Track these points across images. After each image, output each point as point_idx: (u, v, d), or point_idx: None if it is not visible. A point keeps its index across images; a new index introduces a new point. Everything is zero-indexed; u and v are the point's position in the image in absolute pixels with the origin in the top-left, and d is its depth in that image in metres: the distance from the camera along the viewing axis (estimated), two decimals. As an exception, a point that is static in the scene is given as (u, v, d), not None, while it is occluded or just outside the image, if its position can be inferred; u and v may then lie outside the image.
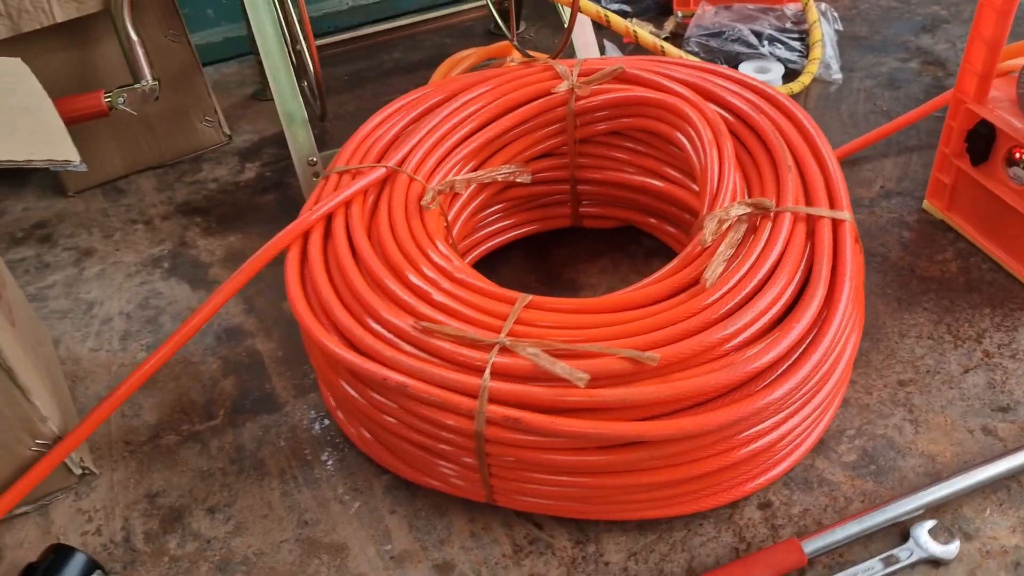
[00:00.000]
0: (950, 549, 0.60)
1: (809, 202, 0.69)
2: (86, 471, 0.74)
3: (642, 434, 0.56)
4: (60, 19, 0.94)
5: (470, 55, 1.20)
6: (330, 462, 0.73)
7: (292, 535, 0.68)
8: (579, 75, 0.84)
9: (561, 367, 0.57)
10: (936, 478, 0.65)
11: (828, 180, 0.71)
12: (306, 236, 0.74)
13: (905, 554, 0.60)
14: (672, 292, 0.65)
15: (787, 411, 0.62)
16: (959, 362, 0.74)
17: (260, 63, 1.22)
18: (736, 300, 0.62)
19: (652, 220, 0.88)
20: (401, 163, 0.78)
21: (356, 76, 1.28)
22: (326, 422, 0.76)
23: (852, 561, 0.61)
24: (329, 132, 1.17)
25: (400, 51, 1.34)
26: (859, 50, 1.19)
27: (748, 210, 0.67)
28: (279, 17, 0.97)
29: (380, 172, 0.77)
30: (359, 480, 0.71)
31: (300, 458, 0.74)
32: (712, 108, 0.77)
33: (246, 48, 1.35)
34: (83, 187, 1.10)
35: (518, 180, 0.84)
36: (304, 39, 0.99)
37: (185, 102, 1.10)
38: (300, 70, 1.05)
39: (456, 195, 0.81)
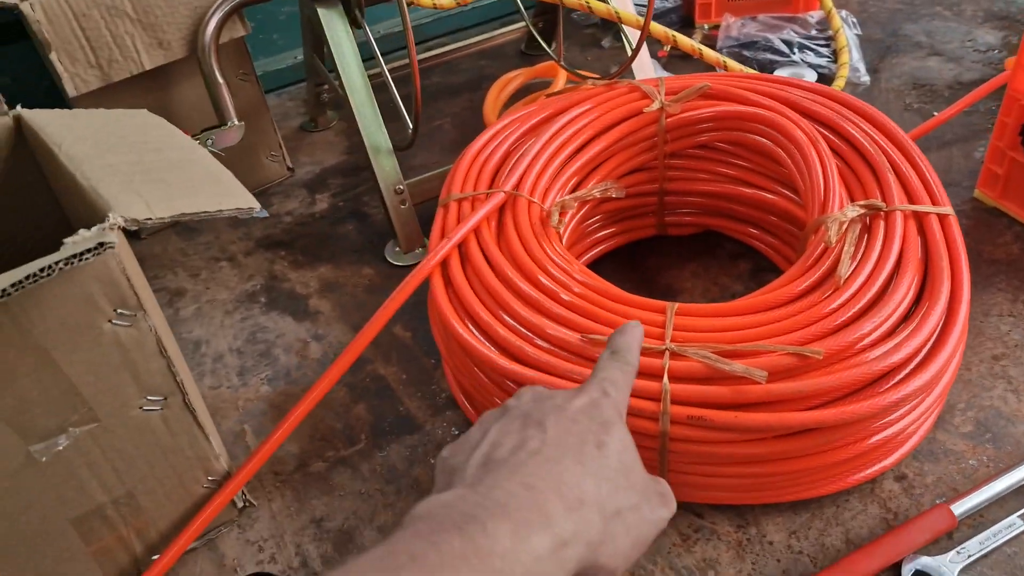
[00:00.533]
0: (1078, 501, 0.68)
1: (912, 200, 0.76)
2: (248, 504, 0.77)
3: (819, 421, 0.62)
4: (148, 67, 0.96)
5: (518, 76, 1.26)
6: (485, 474, 0.77)
7: (467, 545, 0.72)
8: (666, 94, 0.90)
9: (738, 366, 0.63)
10: (1047, 440, 0.73)
11: (922, 178, 0.78)
12: (444, 264, 0.78)
13: (1040, 509, 0.67)
14: (806, 291, 0.71)
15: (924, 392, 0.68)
16: (1042, 335, 0.82)
17: (312, 94, 1.25)
18: (871, 294, 0.68)
19: (736, 225, 0.94)
20: (517, 186, 0.83)
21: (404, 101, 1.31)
22: (470, 437, 0.80)
23: (992, 520, 0.68)
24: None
25: (439, 75, 1.38)
26: (878, 52, 1.27)
27: (862, 211, 0.74)
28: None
29: (501, 197, 0.82)
30: (518, 488, 0.76)
31: (454, 473, 0.78)
32: (803, 118, 0.84)
33: (285, 80, 1.38)
34: (155, 229, 1.12)
35: (614, 195, 0.90)
36: (382, 64, 1.03)
37: (253, 139, 1.12)
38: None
39: (563, 212, 0.86)
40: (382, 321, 0.78)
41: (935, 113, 1.09)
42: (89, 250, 0.50)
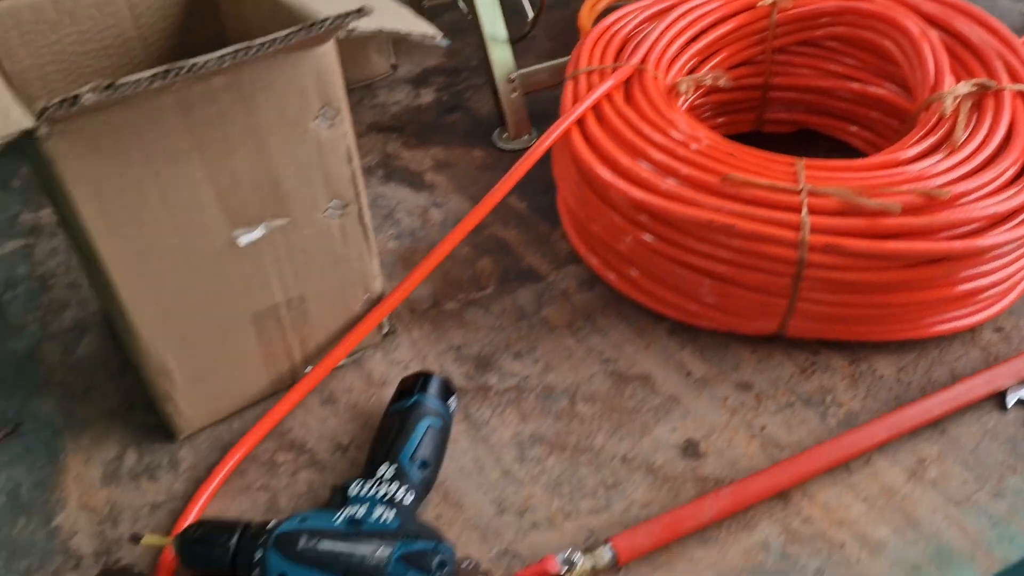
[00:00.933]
0: None
1: (1019, 82, 0.82)
2: (392, 329, 0.83)
3: (947, 251, 0.69)
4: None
5: (610, -8, 1.31)
6: (610, 316, 0.84)
7: (599, 370, 0.79)
8: (778, -9, 0.96)
9: (874, 201, 0.69)
10: None
11: (1025, 66, 0.85)
12: (580, 123, 0.84)
13: None
14: (923, 154, 0.77)
15: (1026, 246, 0.75)
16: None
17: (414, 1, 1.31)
18: (985, 155, 0.75)
19: (834, 121, 1.01)
20: (643, 61, 0.89)
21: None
22: (594, 287, 0.87)
23: (1085, 363, 0.75)
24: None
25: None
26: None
27: (974, 88, 0.81)
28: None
29: (629, 69, 0.88)
30: (642, 326, 0.82)
31: (581, 313, 0.84)
32: (910, 12, 0.90)
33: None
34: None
35: (722, 84, 0.96)
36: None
37: (364, 31, 1.18)
38: None
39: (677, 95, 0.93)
40: (518, 175, 0.84)
41: (1009, 43, 1.15)
42: (316, 23, 0.56)
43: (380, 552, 0.60)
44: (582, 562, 0.62)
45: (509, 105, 1.07)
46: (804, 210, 0.71)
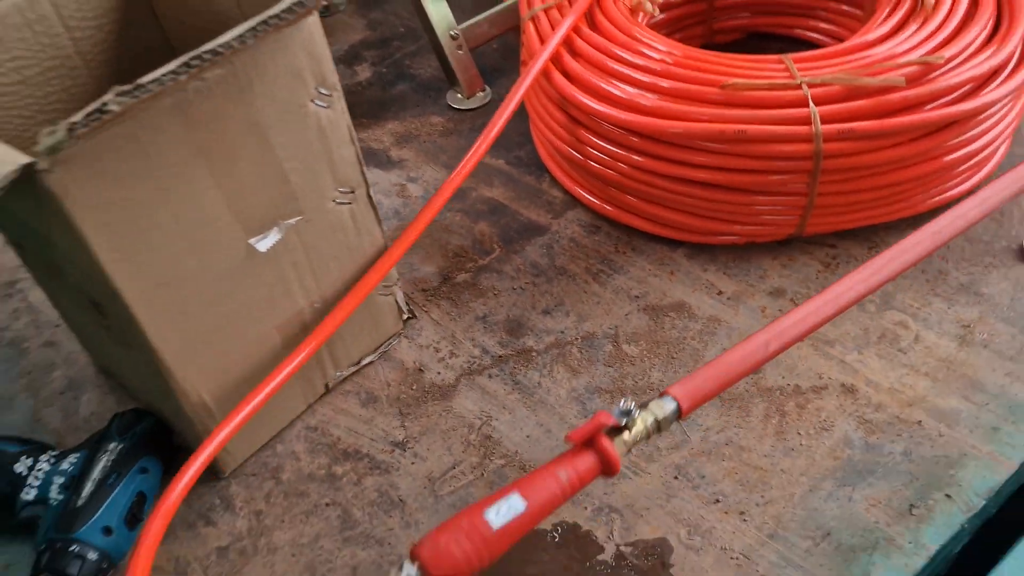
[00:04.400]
0: None
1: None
2: (412, 314, 0.80)
3: (956, 115, 0.70)
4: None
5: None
6: (625, 252, 0.82)
7: (632, 308, 0.77)
8: (709, -102, 0.95)
9: (878, 78, 0.70)
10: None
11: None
12: (556, 59, 0.82)
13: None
14: (896, 28, 0.78)
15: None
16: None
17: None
18: (958, 20, 0.76)
19: (785, 19, 1.01)
20: (598, -9, 0.87)
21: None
22: (600, 228, 0.85)
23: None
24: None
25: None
26: None
27: (932, -41, 0.82)
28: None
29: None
30: (660, 256, 0.81)
31: (596, 256, 0.82)
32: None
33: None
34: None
35: None
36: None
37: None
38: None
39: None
40: (499, 125, 0.79)
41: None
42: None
43: None
44: (641, 415, 0.54)
45: (457, 63, 1.03)
46: (811, 103, 0.71)
